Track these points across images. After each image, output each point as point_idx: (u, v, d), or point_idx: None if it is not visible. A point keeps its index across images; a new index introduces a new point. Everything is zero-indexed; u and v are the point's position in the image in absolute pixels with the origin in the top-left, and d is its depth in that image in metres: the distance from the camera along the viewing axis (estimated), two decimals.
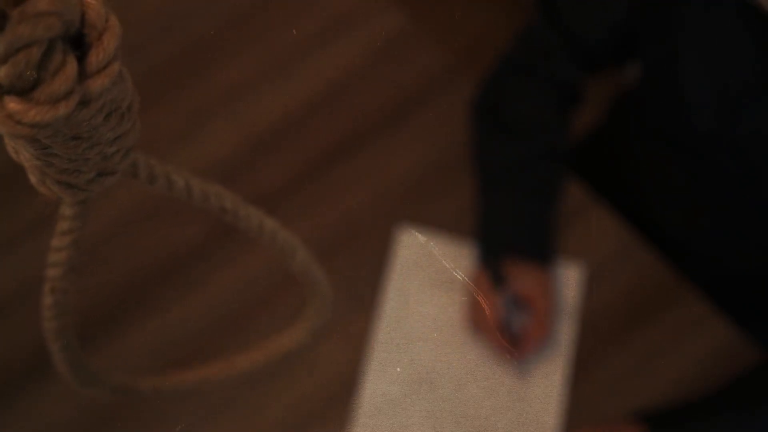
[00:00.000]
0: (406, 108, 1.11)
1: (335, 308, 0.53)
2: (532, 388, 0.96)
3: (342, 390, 0.95)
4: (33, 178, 0.30)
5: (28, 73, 0.24)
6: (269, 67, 1.13)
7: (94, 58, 0.25)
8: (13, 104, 0.24)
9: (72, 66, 0.24)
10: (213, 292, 1.00)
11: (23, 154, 0.29)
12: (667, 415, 0.92)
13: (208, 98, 1.10)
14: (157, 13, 1.15)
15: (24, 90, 0.24)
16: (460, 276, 1.01)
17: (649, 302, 1.02)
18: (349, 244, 1.01)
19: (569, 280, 1.01)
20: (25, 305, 0.96)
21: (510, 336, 0.95)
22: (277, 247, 0.42)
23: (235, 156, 1.06)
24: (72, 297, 0.39)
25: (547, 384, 0.96)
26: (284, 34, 1.15)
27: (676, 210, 1.04)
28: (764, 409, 0.92)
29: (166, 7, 1.15)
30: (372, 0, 1.16)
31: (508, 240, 0.99)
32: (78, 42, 0.25)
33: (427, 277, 1.00)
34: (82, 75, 0.25)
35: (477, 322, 0.96)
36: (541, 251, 0.99)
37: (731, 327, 0.99)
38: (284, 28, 1.16)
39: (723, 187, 0.97)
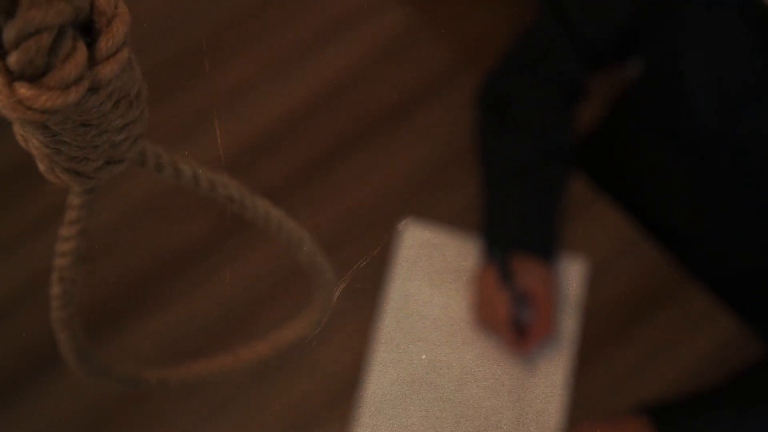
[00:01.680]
0: (409, 106, 1.11)
1: (337, 306, 0.53)
2: (532, 388, 0.96)
3: (343, 390, 0.95)
4: (42, 166, 0.30)
5: (39, 59, 0.24)
6: (270, 67, 1.13)
7: (104, 45, 0.25)
8: (23, 90, 0.24)
9: (82, 52, 0.25)
10: (216, 289, 1.00)
11: (32, 142, 0.29)
12: (669, 408, 0.92)
13: (208, 99, 1.10)
14: (156, 14, 1.15)
15: (34, 76, 0.24)
16: (467, 271, 1.01)
17: (653, 297, 1.02)
18: (351, 242, 1.01)
19: (572, 275, 1.01)
20: (25, 305, 0.97)
21: (516, 331, 0.95)
22: (283, 237, 0.42)
23: (237, 156, 1.06)
24: (79, 287, 0.40)
25: (548, 384, 0.96)
26: (285, 34, 1.15)
27: (677, 207, 1.04)
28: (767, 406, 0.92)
29: (166, 9, 1.15)
30: None
31: (513, 236, 0.99)
32: (87, 29, 0.25)
33: (429, 275, 1.00)
34: (92, 61, 0.25)
35: (484, 318, 0.96)
36: (545, 248, 0.99)
37: (735, 322, 0.99)
38: (284, 27, 1.16)
39: (724, 185, 0.97)
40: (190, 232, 1.02)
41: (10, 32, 0.23)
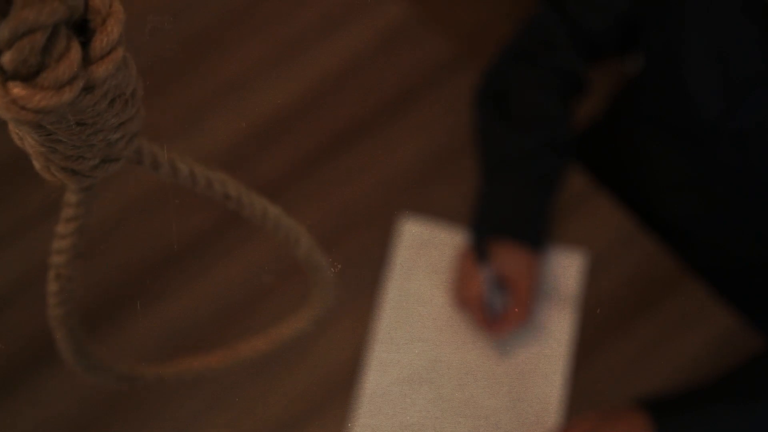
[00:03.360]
0: (409, 97, 1.10)
1: (337, 301, 0.53)
2: (532, 388, 0.96)
3: (340, 387, 0.95)
4: (37, 165, 0.30)
5: (32, 58, 0.24)
6: (266, 62, 1.12)
7: (98, 44, 0.25)
8: (17, 90, 0.24)
9: (76, 51, 0.24)
10: (215, 283, 0.99)
11: (27, 141, 0.29)
12: (668, 402, 0.93)
13: (209, 90, 1.09)
14: (157, 6, 1.14)
15: (28, 75, 0.24)
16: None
17: (652, 291, 1.01)
18: (351, 235, 1.01)
19: (572, 268, 1.01)
20: (25, 297, 0.96)
21: (490, 313, 0.95)
22: (280, 234, 0.42)
23: (237, 147, 1.06)
24: (76, 284, 0.39)
25: (548, 384, 0.96)
26: (281, 28, 1.14)
27: (679, 201, 1.04)
28: (765, 399, 0.92)
29: (161, 3, 1.15)
30: None
31: (498, 220, 0.99)
32: (82, 28, 0.25)
33: (428, 272, 1.00)
34: (87, 60, 0.25)
35: (459, 295, 0.97)
36: (532, 235, 0.99)
37: (734, 316, 0.99)
38: (281, 21, 1.15)
39: (726, 178, 0.97)
40: (188, 227, 1.01)
41: (3, 31, 0.23)
